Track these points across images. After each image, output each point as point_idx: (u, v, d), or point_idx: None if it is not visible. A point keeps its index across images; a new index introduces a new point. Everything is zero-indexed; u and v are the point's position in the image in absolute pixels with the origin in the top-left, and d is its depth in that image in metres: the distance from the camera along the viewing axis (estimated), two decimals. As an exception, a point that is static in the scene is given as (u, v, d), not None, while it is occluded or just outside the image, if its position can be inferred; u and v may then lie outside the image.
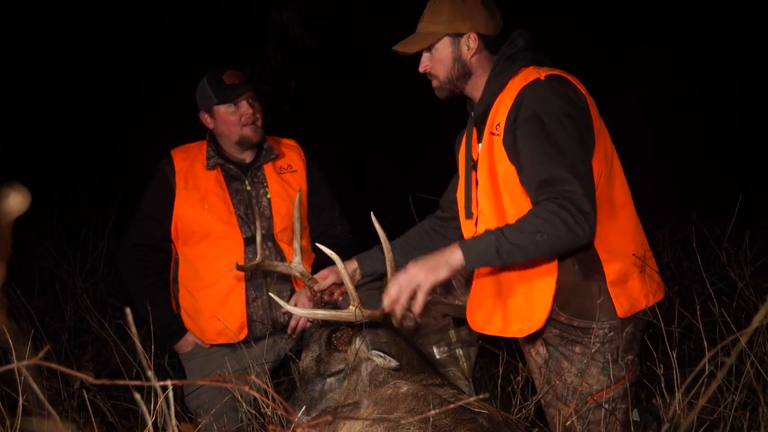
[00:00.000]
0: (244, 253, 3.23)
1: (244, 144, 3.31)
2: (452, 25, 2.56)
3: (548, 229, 2.23)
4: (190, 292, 3.26)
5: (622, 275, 2.51)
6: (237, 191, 3.31)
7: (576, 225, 2.22)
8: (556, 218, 2.23)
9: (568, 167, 2.28)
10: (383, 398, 2.30)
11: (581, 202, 2.24)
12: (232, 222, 3.25)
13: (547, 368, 2.62)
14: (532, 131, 2.35)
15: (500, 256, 2.27)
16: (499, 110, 2.50)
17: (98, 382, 0.94)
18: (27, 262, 4.60)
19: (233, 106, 3.26)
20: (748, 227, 3.29)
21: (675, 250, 4.44)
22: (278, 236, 3.31)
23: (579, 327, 2.52)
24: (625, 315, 2.51)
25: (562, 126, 2.33)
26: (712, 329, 3.04)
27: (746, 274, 3.15)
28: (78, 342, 4.10)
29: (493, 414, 2.26)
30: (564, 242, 2.26)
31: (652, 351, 2.61)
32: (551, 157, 2.30)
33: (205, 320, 3.22)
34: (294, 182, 3.41)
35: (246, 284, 3.24)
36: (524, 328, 2.50)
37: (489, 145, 2.54)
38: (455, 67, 2.61)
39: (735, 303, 3.11)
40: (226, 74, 3.26)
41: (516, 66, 2.53)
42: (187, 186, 3.27)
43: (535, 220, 2.26)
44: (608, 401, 2.52)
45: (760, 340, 2.78)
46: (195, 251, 3.27)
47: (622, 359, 2.55)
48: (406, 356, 2.53)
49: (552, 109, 2.35)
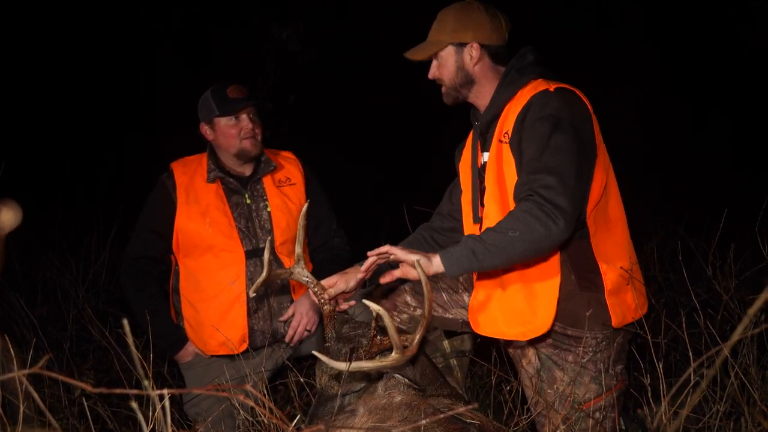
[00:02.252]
0: (245, 266, 3.22)
1: (242, 157, 3.30)
2: (456, 35, 2.61)
3: (521, 226, 2.22)
4: (192, 304, 3.25)
5: (618, 286, 2.53)
6: (237, 204, 3.30)
7: (549, 220, 2.21)
8: (529, 216, 2.22)
9: (554, 168, 2.28)
10: (377, 407, 2.30)
11: (556, 198, 2.23)
12: (234, 235, 3.24)
13: (539, 378, 2.62)
14: (536, 134, 2.37)
15: (477, 259, 2.25)
16: (508, 118, 2.53)
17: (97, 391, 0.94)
18: (30, 271, 4.59)
19: (234, 119, 3.26)
20: (732, 241, 3.30)
21: (662, 263, 4.45)
22: (278, 249, 3.30)
23: (572, 336, 2.52)
24: (618, 325, 2.52)
25: (565, 133, 2.35)
26: (698, 341, 3.05)
27: (731, 286, 3.16)
28: (79, 350, 4.09)
29: (485, 424, 2.26)
30: (538, 238, 2.23)
31: (640, 361, 2.62)
32: (543, 160, 2.31)
33: (207, 332, 3.20)
34: (293, 195, 3.41)
35: (247, 297, 3.22)
36: (526, 332, 2.49)
37: (498, 152, 2.56)
38: (458, 75, 2.65)
39: (720, 315, 3.12)
40: (230, 88, 3.27)
41: (526, 78, 2.56)
42: (188, 200, 3.26)
43: (508, 220, 2.27)
44: (598, 410, 2.52)
45: (744, 352, 2.79)
46: (197, 264, 3.25)
47: (612, 369, 2.56)
48: (420, 367, 2.52)
49: (559, 115, 2.38)
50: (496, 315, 2.56)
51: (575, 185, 2.31)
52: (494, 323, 2.57)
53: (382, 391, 2.42)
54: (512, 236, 2.22)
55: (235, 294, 3.21)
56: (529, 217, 2.22)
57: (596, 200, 2.49)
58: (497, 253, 2.25)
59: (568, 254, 2.50)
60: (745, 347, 2.80)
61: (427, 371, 2.53)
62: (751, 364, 2.76)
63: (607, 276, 2.50)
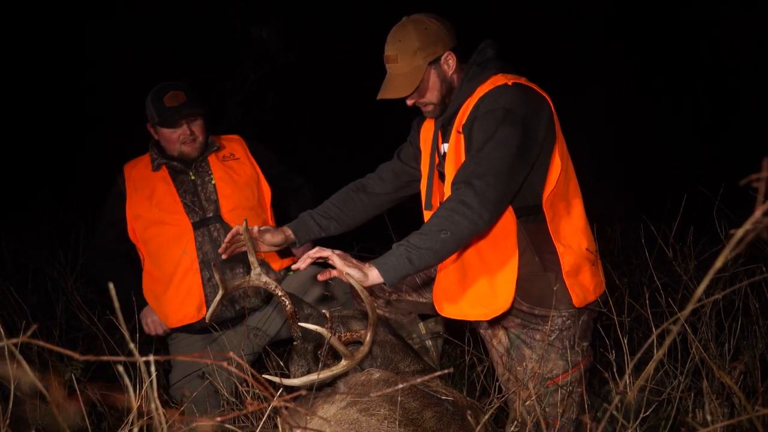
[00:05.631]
0: (194, 237, 3.28)
1: (182, 159, 3.37)
2: (429, 53, 2.54)
3: (450, 226, 2.23)
4: (155, 281, 3.33)
5: (575, 267, 2.54)
6: (182, 183, 3.36)
7: (474, 215, 2.23)
8: (455, 214, 2.23)
9: (493, 160, 2.28)
10: (357, 384, 2.32)
11: (487, 190, 2.24)
12: (179, 210, 3.29)
13: (509, 356, 2.64)
14: (485, 125, 2.36)
15: (412, 264, 2.25)
16: (466, 112, 2.52)
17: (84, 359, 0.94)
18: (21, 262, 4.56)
19: (173, 128, 3.30)
20: (692, 225, 3.35)
21: (626, 248, 4.50)
22: (226, 216, 3.33)
23: (539, 315, 2.55)
24: (580, 304, 2.54)
25: (513, 125, 2.32)
26: (660, 319, 3.10)
27: (690, 268, 3.21)
28: (69, 338, 4.08)
29: (459, 399, 2.29)
30: (467, 234, 2.26)
31: (606, 339, 2.65)
32: (484, 151, 2.31)
33: (167, 305, 3.27)
34: (238, 168, 3.46)
35: (200, 265, 3.27)
36: (488, 312, 2.51)
37: (456, 143, 2.55)
38: (443, 87, 2.60)
39: (680, 294, 3.16)
40: (167, 96, 3.25)
41: (487, 73, 2.55)
42: (135, 188, 3.34)
43: (436, 221, 2.26)
44: (565, 385, 2.55)
45: (704, 329, 2.84)
46: (152, 244, 3.31)
47: (578, 345, 2.59)
48: (388, 346, 2.54)
49: (510, 107, 2.36)
50: (459, 298, 2.58)
51: (509, 179, 2.30)
52: (458, 306, 2.58)
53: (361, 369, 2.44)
54: (444, 237, 2.23)
55: (187, 264, 3.27)
56: (455, 215, 2.23)
57: (552, 186, 2.50)
58: (432, 255, 2.26)
59: (530, 238, 2.51)
60: (704, 325, 2.84)
61: (396, 349, 2.55)
62: (710, 339, 2.81)
63: (564, 258, 2.51)
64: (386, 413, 2.08)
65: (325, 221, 2.92)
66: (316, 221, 2.91)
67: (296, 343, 2.54)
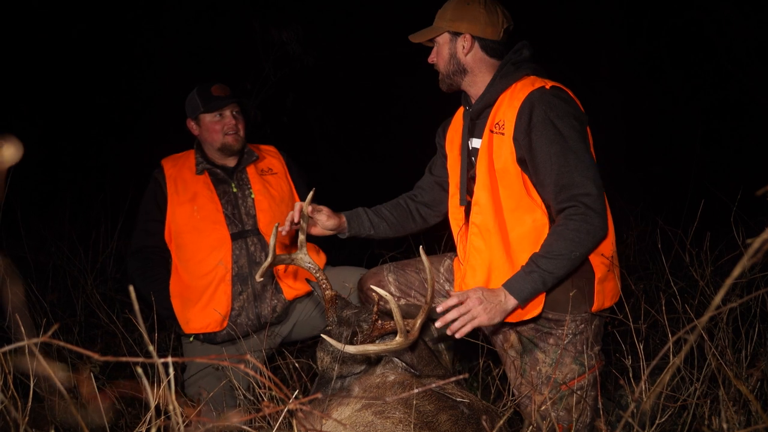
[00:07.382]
0: (231, 249, 3.28)
1: (225, 150, 3.39)
2: (453, 24, 2.63)
3: (578, 247, 2.35)
4: (184, 285, 3.30)
5: (605, 274, 2.55)
6: (225, 192, 3.37)
7: (597, 228, 2.37)
8: (581, 234, 2.35)
9: (583, 170, 2.37)
10: (372, 386, 2.31)
11: (595, 203, 2.36)
12: (220, 220, 3.30)
13: (522, 360, 2.62)
14: (550, 136, 2.40)
15: (546, 286, 2.39)
16: (501, 109, 2.54)
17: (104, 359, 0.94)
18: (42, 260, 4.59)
19: (218, 116, 3.36)
20: (708, 230, 3.31)
21: (642, 252, 4.46)
22: (263, 231, 3.34)
23: (553, 319, 2.54)
24: (597, 310, 2.54)
25: (575, 131, 2.41)
26: (676, 325, 3.06)
27: (707, 273, 3.17)
28: (88, 335, 4.10)
29: (474, 402, 2.28)
30: (592, 248, 2.41)
31: (622, 344, 2.63)
32: (569, 161, 2.37)
33: (191, 311, 3.25)
34: (275, 183, 3.48)
35: (233, 278, 3.27)
36: (515, 315, 2.49)
37: (489, 141, 2.57)
38: (451, 63, 2.67)
39: (697, 300, 3.12)
40: (214, 87, 3.37)
41: (521, 72, 2.58)
42: (177, 190, 3.34)
43: (565, 244, 2.35)
44: (580, 388, 2.53)
45: (720, 336, 2.80)
46: (187, 248, 3.29)
47: (591, 349, 2.57)
48: (417, 350, 2.53)
49: (564, 115, 2.41)
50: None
51: (601, 184, 2.41)
52: None
53: (377, 372, 2.43)
54: (575, 256, 2.37)
55: (221, 275, 3.26)
56: (582, 235, 2.35)
57: None
58: (562, 273, 2.39)
59: None
60: (721, 331, 2.81)
61: (423, 354, 2.55)
62: (727, 346, 2.77)
63: (597, 264, 2.53)
64: (401, 416, 2.07)
65: (377, 219, 3.00)
66: (369, 217, 2.99)
67: (330, 328, 2.54)
